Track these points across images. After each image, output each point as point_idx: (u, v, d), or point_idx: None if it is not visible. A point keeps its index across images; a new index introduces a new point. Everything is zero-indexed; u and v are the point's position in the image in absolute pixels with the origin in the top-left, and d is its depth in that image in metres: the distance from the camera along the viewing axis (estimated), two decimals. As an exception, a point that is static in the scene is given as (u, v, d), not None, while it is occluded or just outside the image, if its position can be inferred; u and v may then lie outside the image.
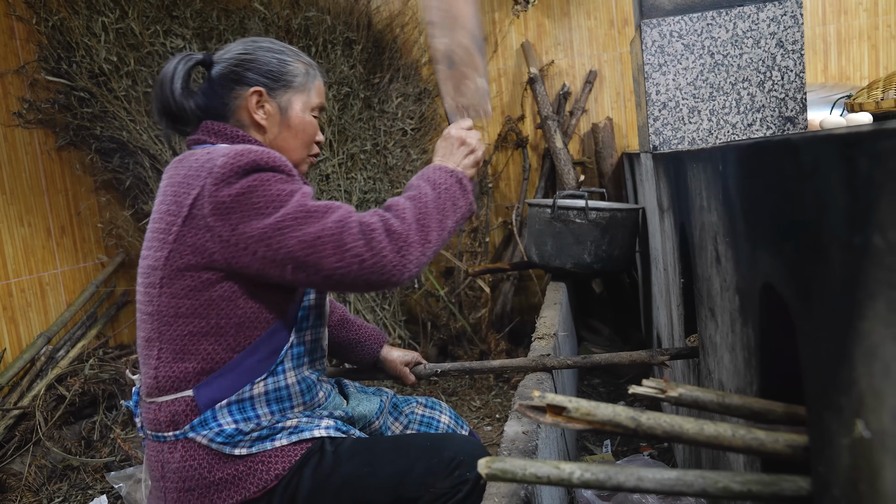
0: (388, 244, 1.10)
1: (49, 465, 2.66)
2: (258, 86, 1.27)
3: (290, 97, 1.30)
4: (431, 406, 1.54)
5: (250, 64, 1.28)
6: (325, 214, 1.11)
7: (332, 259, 1.09)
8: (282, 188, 1.12)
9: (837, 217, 0.55)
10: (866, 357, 0.51)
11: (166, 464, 1.16)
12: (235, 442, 1.15)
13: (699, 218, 1.32)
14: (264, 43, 1.32)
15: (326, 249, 1.08)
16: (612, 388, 2.97)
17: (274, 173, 1.13)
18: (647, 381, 0.93)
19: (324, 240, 1.09)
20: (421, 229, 1.14)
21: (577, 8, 3.87)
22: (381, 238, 1.10)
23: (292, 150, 1.32)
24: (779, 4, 2.08)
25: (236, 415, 1.16)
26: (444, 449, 1.21)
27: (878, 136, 0.47)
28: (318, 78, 1.36)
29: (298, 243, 1.08)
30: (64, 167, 3.34)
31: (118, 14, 3.12)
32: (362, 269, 1.09)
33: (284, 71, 1.29)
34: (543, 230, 2.84)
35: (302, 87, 1.32)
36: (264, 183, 1.11)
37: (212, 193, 1.10)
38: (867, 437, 0.52)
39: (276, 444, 1.18)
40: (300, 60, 1.33)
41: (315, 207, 1.11)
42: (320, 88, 1.36)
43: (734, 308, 1.06)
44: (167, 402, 1.16)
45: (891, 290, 0.46)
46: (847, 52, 3.68)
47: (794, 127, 2.12)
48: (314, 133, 1.35)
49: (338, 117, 3.47)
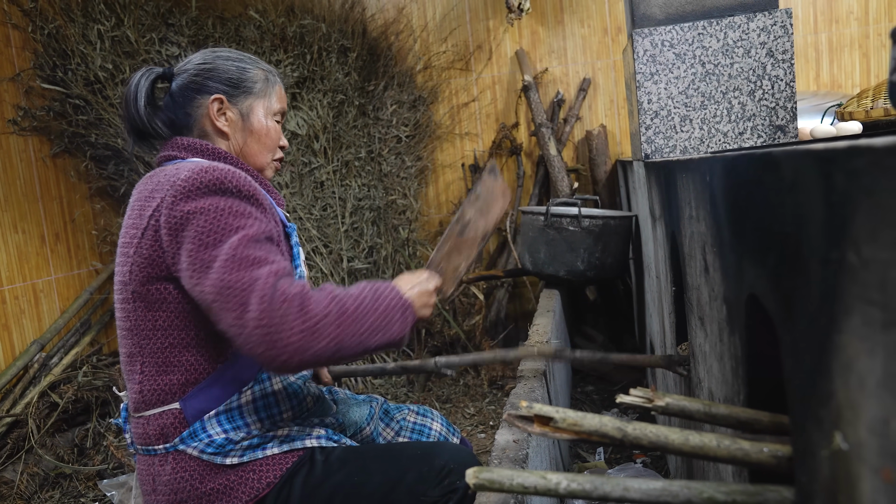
0: (294, 322, 1.02)
1: (41, 473, 2.65)
2: (218, 93, 1.28)
3: (250, 103, 1.31)
4: (423, 413, 1.54)
5: (210, 73, 1.29)
6: (250, 266, 1.05)
7: (231, 315, 1.03)
8: (229, 223, 1.09)
9: (816, 231, 0.56)
10: (843, 370, 0.52)
11: (157, 477, 1.17)
12: (226, 452, 1.15)
13: (689, 227, 1.33)
14: (223, 52, 1.33)
15: (230, 302, 1.03)
16: (605, 396, 2.98)
17: (233, 199, 1.11)
18: (635, 391, 0.94)
19: (232, 292, 1.03)
20: (337, 327, 1.06)
21: (570, 16, 3.89)
22: (288, 312, 1.02)
23: (255, 154, 1.32)
24: (769, 15, 2.10)
25: (225, 424, 1.16)
26: (434, 457, 1.21)
27: (853, 153, 0.48)
28: (279, 83, 1.36)
29: (212, 286, 1.04)
30: (58, 174, 3.34)
31: (114, 22, 3.13)
32: (251, 335, 1.01)
33: (244, 78, 1.30)
34: (537, 237, 2.85)
35: (262, 92, 1.32)
36: (217, 211, 1.09)
37: (169, 206, 1.09)
38: (845, 448, 0.53)
39: (268, 452, 1.18)
40: (259, 67, 1.34)
41: (245, 256, 1.06)
42: (281, 94, 1.37)
43: (722, 318, 1.07)
44: (155, 416, 1.16)
45: (865, 305, 0.47)
46: (839, 61, 3.70)
47: (784, 136, 2.14)
48: (277, 138, 1.35)
49: (332, 124, 3.48)
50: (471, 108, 4.03)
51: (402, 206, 3.80)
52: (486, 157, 3.99)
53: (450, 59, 4.00)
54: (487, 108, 4.01)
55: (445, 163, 4.07)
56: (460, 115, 4.04)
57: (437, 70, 4.00)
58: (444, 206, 4.09)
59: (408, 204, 3.81)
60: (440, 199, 4.10)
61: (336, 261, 3.42)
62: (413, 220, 3.84)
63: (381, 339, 1.11)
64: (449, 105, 4.03)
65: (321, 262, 3.39)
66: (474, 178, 3.99)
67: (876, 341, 0.46)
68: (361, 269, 3.48)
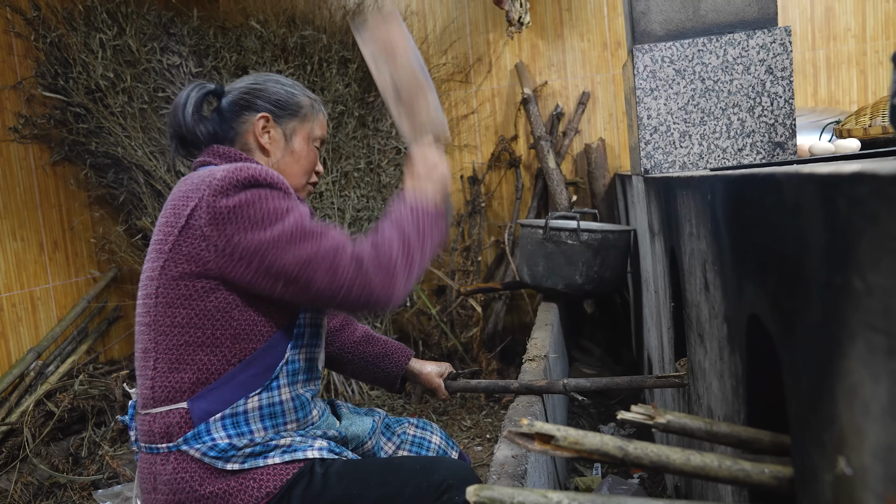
0: (376, 274, 1.16)
1: (35, 483, 2.64)
2: (265, 112, 1.34)
3: (294, 126, 1.37)
4: (423, 427, 1.55)
5: (259, 92, 1.36)
6: (321, 236, 1.16)
7: (324, 280, 1.14)
8: (279, 204, 1.16)
9: (818, 255, 0.57)
10: (847, 395, 0.52)
11: (158, 475, 1.17)
12: (228, 457, 1.16)
13: (689, 244, 1.34)
14: (273, 76, 1.41)
15: (319, 270, 1.14)
16: (602, 410, 2.97)
17: (272, 190, 1.17)
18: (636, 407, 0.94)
19: (318, 261, 1.14)
20: (406, 258, 1.20)
21: (570, 30, 3.92)
22: (370, 267, 1.16)
23: (293, 175, 1.38)
24: (768, 32, 2.11)
25: (230, 429, 1.17)
26: (433, 472, 1.21)
27: (858, 180, 0.49)
28: (322, 112, 1.44)
29: (293, 259, 1.13)
30: (58, 182, 3.34)
31: (116, 31, 3.14)
32: (349, 294, 1.15)
33: (291, 102, 1.37)
34: (535, 251, 2.85)
35: (306, 118, 1.39)
36: (262, 198, 1.15)
37: (210, 204, 1.13)
38: (849, 474, 0.53)
39: (269, 461, 1.18)
40: (306, 95, 1.41)
41: (311, 228, 1.16)
42: (322, 122, 1.43)
43: (722, 336, 1.07)
44: (162, 414, 1.17)
45: (870, 331, 0.47)
46: (836, 77, 3.73)
47: (783, 152, 2.15)
48: (314, 162, 1.42)
49: (332, 135, 3.48)
50: (470, 120, 4.05)
51: (401, 217, 3.79)
52: (485, 168, 4.00)
53: (450, 71, 4.01)
54: (487, 120, 4.03)
55: (444, 174, 4.07)
56: (459, 127, 4.06)
57: (436, 82, 4.01)
58: (443, 217, 4.08)
59: (406, 215, 3.81)
60: (439, 211, 4.10)
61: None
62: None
63: (433, 243, 1.27)
64: (448, 117, 4.05)
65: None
66: (472, 191, 4.00)
67: (880, 368, 0.46)
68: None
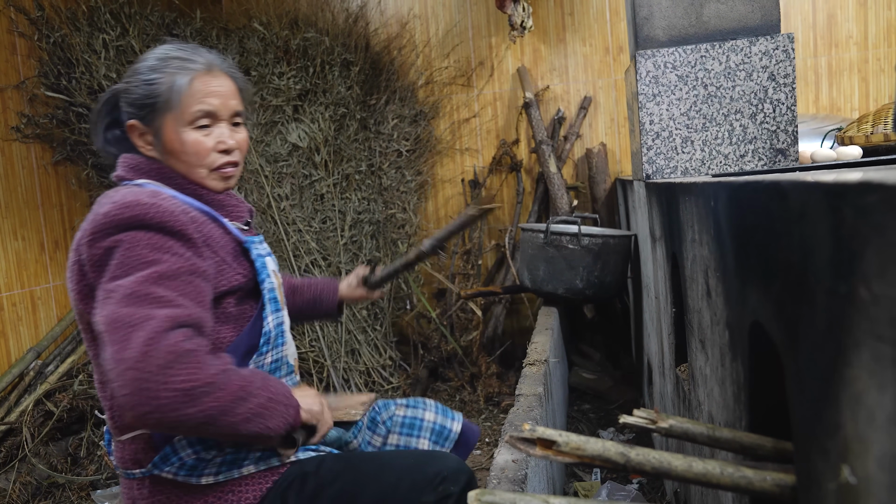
0: (173, 378, 0.94)
1: (34, 482, 2.63)
2: (131, 119, 1.19)
3: (161, 120, 1.17)
4: (414, 405, 1.50)
5: (125, 96, 1.20)
6: (149, 304, 0.98)
7: (112, 349, 0.95)
8: (143, 255, 1.02)
9: (823, 263, 0.57)
10: (852, 403, 0.52)
11: (136, 500, 1.17)
12: (200, 472, 1.15)
13: (691, 250, 1.34)
14: (139, 63, 1.21)
15: (115, 335, 0.96)
16: (602, 414, 2.97)
17: (153, 233, 1.05)
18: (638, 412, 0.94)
19: (121, 325, 0.96)
20: (216, 400, 0.97)
21: (572, 35, 3.92)
22: (171, 365, 0.94)
23: (188, 172, 1.20)
24: (771, 39, 2.12)
25: (196, 445, 1.15)
26: (428, 465, 1.20)
27: (865, 190, 0.49)
28: (194, 77, 1.18)
29: (104, 317, 0.98)
30: (60, 182, 3.34)
31: (119, 31, 3.14)
32: (124, 375, 0.93)
33: (148, 94, 1.17)
34: (536, 255, 2.85)
35: (167, 105, 1.16)
36: (133, 243, 1.03)
37: (88, 242, 1.05)
38: (853, 482, 0.53)
39: (244, 470, 1.17)
40: (168, 70, 1.17)
41: (147, 293, 0.99)
42: (197, 91, 1.18)
43: (724, 342, 1.07)
44: (128, 441, 1.16)
45: (875, 341, 0.47)
46: (838, 84, 3.73)
47: (785, 159, 2.15)
48: (202, 147, 1.18)
49: (334, 137, 3.49)
50: (472, 123, 4.05)
51: (402, 220, 3.80)
52: (486, 172, 4.00)
53: (451, 74, 4.02)
54: (488, 124, 4.03)
55: (445, 178, 4.08)
56: (461, 130, 4.06)
57: (438, 85, 4.02)
58: (443, 220, 4.09)
59: (407, 218, 3.81)
60: (439, 214, 4.11)
61: (334, 273, 3.42)
62: (412, 234, 3.84)
63: (255, 427, 1.02)
64: (450, 120, 4.05)
65: (320, 275, 3.39)
66: (473, 194, 4.00)
67: (886, 377, 0.46)
68: (360, 282, 3.47)
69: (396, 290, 3.77)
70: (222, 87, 1.21)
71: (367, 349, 3.43)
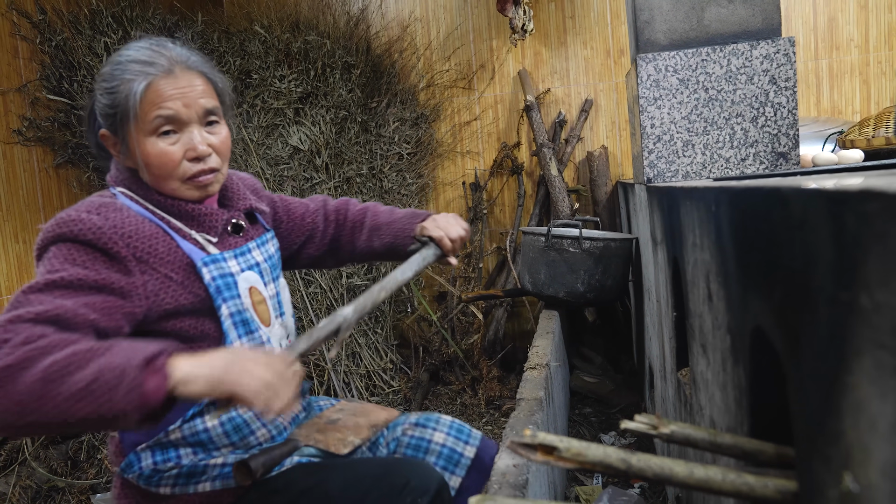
0: None
1: (34, 486, 2.63)
2: (101, 129, 1.15)
3: (125, 130, 1.11)
4: (424, 424, 1.39)
5: (94, 103, 1.15)
6: (14, 308, 0.92)
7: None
8: (52, 266, 0.99)
9: (824, 270, 0.56)
10: (853, 411, 0.52)
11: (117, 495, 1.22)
12: (157, 482, 1.16)
13: (692, 254, 1.34)
14: (103, 68, 1.13)
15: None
16: (603, 419, 2.97)
17: (71, 245, 1.01)
18: (640, 417, 0.94)
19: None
20: (33, 385, 0.83)
21: (573, 38, 3.93)
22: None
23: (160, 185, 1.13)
24: (772, 42, 2.12)
25: (157, 456, 1.17)
26: (394, 475, 1.18)
27: (867, 197, 0.49)
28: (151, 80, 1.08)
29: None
30: (61, 185, 3.35)
31: (120, 35, 3.15)
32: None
33: (109, 104, 1.10)
34: (537, 258, 2.85)
35: (126, 113, 1.08)
36: (52, 256, 1.01)
37: (35, 257, 1.05)
38: (855, 490, 0.53)
39: (199, 488, 1.15)
40: (126, 76, 1.08)
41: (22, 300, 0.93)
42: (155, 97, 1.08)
43: (725, 347, 1.07)
44: (110, 440, 1.23)
45: (877, 348, 0.47)
46: (839, 87, 3.73)
47: (786, 163, 2.15)
48: (168, 159, 1.10)
49: (335, 140, 3.49)
50: (473, 126, 4.05)
51: (403, 222, 3.80)
52: (487, 175, 4.00)
53: (452, 77, 4.02)
54: (489, 127, 4.03)
55: (446, 180, 4.08)
56: (462, 133, 4.06)
57: (439, 88, 4.02)
58: (445, 223, 4.08)
59: (408, 221, 3.81)
60: (441, 217, 4.10)
61: (335, 276, 3.42)
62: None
63: (83, 411, 0.84)
64: (451, 123, 4.05)
65: (320, 278, 3.39)
66: (474, 197, 4.00)
67: (888, 385, 0.46)
68: (360, 285, 3.47)
69: (397, 294, 3.77)
70: (186, 88, 1.10)
71: (367, 352, 3.43)
